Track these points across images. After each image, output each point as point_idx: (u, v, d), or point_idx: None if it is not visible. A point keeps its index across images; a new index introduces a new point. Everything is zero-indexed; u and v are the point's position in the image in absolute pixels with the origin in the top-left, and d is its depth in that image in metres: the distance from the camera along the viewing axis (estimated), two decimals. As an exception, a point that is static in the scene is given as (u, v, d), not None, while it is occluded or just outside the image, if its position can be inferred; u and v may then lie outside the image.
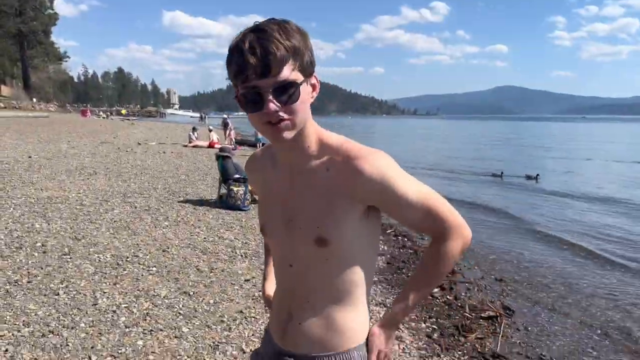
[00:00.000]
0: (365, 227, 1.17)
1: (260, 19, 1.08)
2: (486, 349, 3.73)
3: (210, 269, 5.04)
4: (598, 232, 8.52)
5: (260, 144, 19.39)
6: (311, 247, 1.15)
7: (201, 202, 8.35)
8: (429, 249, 1.23)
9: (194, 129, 22.05)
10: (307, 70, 1.07)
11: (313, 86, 1.12)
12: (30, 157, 12.98)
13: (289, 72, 1.02)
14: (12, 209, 6.97)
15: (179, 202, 8.28)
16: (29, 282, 4.32)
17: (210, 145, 19.59)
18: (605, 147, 33.70)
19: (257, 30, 1.02)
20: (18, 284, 4.26)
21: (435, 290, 4.98)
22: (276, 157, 1.25)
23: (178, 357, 3.22)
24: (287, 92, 1.03)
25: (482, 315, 4.35)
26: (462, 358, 3.57)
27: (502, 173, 16.24)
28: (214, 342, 3.47)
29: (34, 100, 65.45)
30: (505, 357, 3.63)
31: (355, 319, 1.21)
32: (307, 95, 1.08)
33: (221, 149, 9.14)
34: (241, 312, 4.02)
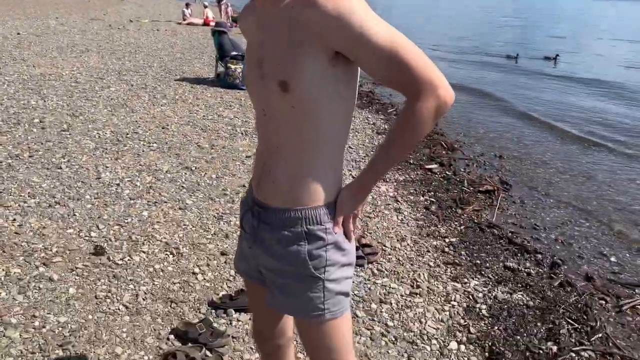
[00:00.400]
0: (332, 76, 1.08)
1: None
2: (482, 220, 3.85)
3: (210, 145, 5.04)
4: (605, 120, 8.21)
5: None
6: (277, 93, 1.10)
7: (198, 81, 8.15)
8: (401, 110, 1.12)
9: (187, 5, 20.94)
10: None
11: None
12: (19, 33, 12.44)
13: None
14: (5, 85, 6.80)
15: (175, 80, 8.08)
16: (30, 156, 4.33)
17: (205, 23, 18.72)
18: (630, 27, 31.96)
19: None
20: (19, 158, 4.27)
21: (434, 166, 5.03)
22: (252, 6, 1.20)
23: (183, 227, 3.32)
24: None
25: (480, 189, 4.43)
26: (459, 228, 3.69)
27: (517, 55, 14.99)
28: (217, 213, 3.55)
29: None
30: (499, 227, 3.75)
31: (325, 178, 1.18)
32: None
33: (217, 24, 8.73)
34: (244, 186, 4.08)
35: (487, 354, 2.37)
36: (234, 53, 8.03)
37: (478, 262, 3.20)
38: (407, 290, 2.82)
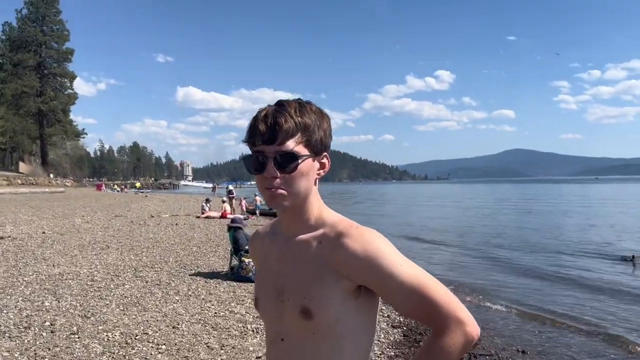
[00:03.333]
0: (355, 307, 1.14)
1: (270, 91, 1.15)
2: None
3: (220, 345, 4.89)
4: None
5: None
6: (298, 320, 1.13)
7: (212, 275, 8.25)
8: (426, 340, 1.14)
9: (207, 200, 22.27)
10: (316, 147, 1.14)
11: (322, 164, 1.18)
12: (44, 232, 13.08)
13: (293, 145, 1.10)
14: (22, 286, 6.93)
15: (190, 275, 8.19)
16: (35, 364, 4.21)
17: (223, 216, 19.67)
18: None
19: (278, 104, 1.14)
20: (24, 366, 4.15)
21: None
22: (277, 229, 1.29)
23: None
24: (288, 162, 1.09)
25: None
26: None
27: (633, 257, 11.85)
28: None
29: (51, 175, 66.96)
30: None
31: None
32: (310, 169, 1.14)
33: (232, 220, 9.15)
34: (253, 392, 3.85)
35: None
36: (248, 247, 8.27)
37: None
38: None
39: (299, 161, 1.10)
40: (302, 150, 1.11)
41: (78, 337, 4.93)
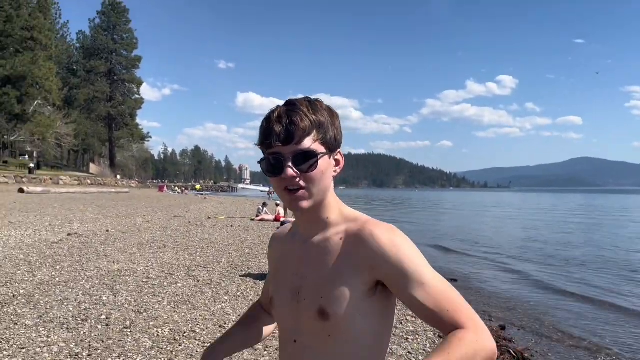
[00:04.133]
0: (371, 307, 1.12)
1: (327, 97, 1.17)
2: None
3: (264, 346, 4.94)
4: None
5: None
6: (314, 320, 1.12)
7: (262, 276, 8.36)
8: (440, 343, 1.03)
9: (264, 204, 22.64)
10: (331, 144, 1.14)
11: (337, 161, 1.18)
12: (107, 230, 13.75)
13: (310, 143, 1.09)
14: (84, 281, 7.31)
15: (240, 276, 8.35)
16: (89, 355, 4.41)
17: (276, 219, 19.94)
18: None
19: (288, 104, 1.14)
20: (79, 357, 4.36)
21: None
22: (296, 230, 1.28)
23: None
24: (307, 160, 1.09)
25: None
26: None
27: None
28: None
29: (118, 177, 70.45)
30: None
31: None
32: (328, 167, 1.13)
33: (282, 223, 9.25)
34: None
35: None
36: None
37: None
38: None
39: (318, 158, 1.10)
40: (318, 147, 1.11)
41: (130, 332, 5.13)
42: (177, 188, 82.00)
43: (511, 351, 5.30)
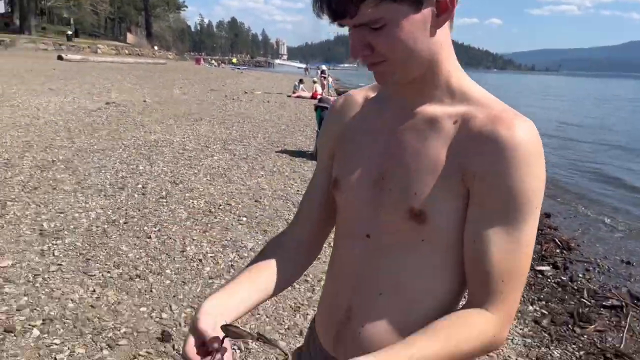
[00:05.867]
0: (464, 212, 0.82)
1: None
2: (608, 345, 3.18)
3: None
4: None
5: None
6: (401, 219, 0.84)
7: (298, 153, 8.22)
8: (457, 310, 0.83)
9: (300, 80, 22.05)
10: None
11: (438, 6, 0.77)
12: (145, 101, 13.67)
13: (370, 8, 0.74)
14: (121, 149, 7.30)
15: (276, 152, 8.21)
16: (125, 222, 4.42)
17: (313, 97, 19.46)
18: None
19: None
20: (115, 224, 4.37)
21: (547, 268, 4.41)
22: (386, 94, 0.94)
23: (257, 316, 3.08)
24: (374, 31, 0.77)
25: (604, 303, 3.75)
26: (577, 353, 3.06)
27: None
28: (295, 304, 3.28)
29: (155, 48, 69.67)
30: (630, 357, 3.07)
31: None
32: (417, 28, 0.77)
33: (320, 100, 8.88)
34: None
35: None
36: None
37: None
38: None
39: (392, 24, 0.76)
40: (387, 9, 0.74)
41: (166, 202, 5.12)
42: (213, 61, 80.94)
43: (556, 240, 5.09)
